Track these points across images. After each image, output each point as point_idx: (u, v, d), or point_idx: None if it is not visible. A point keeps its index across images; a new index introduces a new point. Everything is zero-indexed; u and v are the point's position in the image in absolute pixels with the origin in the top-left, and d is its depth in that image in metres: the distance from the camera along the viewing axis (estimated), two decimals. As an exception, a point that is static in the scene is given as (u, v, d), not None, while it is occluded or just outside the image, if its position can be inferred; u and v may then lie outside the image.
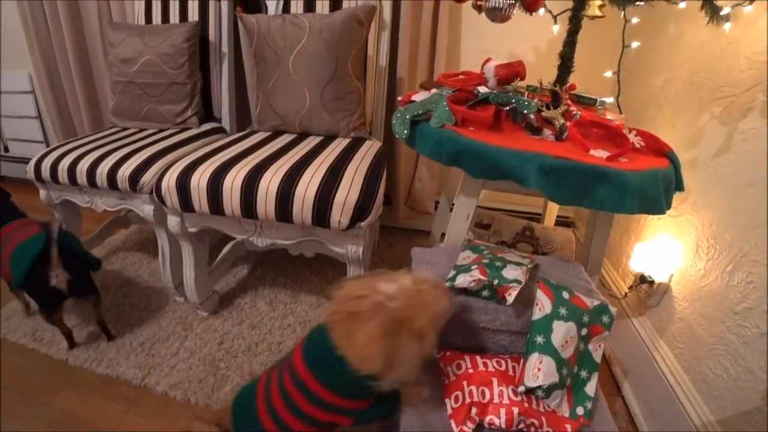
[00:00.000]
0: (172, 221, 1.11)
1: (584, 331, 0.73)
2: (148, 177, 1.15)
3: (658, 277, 1.05)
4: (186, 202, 1.02)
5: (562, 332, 0.71)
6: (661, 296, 1.06)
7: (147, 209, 1.19)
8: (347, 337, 0.60)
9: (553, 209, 1.41)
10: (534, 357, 0.70)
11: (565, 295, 0.74)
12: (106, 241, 1.70)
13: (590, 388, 0.73)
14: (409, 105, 0.90)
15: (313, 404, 0.64)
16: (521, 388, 0.69)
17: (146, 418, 0.99)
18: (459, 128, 0.83)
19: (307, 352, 0.68)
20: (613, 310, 0.76)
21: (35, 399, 1.03)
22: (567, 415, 0.70)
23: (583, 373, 0.74)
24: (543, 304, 0.73)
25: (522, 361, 0.72)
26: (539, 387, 0.68)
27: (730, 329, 0.84)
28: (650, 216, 1.18)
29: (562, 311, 0.72)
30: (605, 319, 0.75)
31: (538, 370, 0.69)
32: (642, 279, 1.09)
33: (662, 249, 1.05)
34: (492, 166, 0.75)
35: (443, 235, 1.03)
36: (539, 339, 0.71)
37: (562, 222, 1.68)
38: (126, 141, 1.32)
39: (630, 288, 1.15)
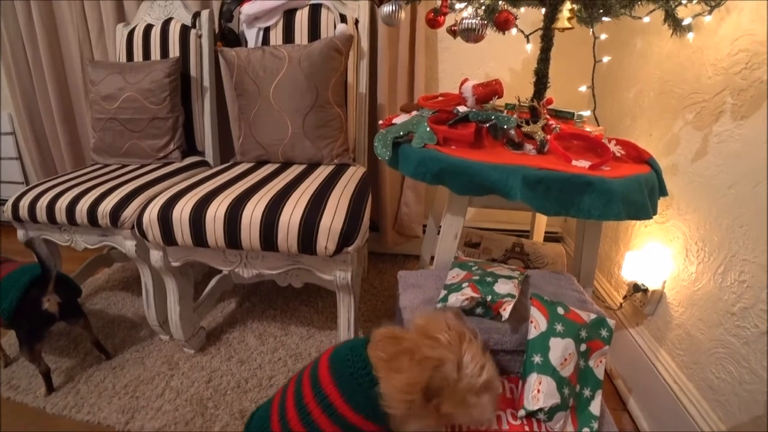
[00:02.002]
0: (155, 256, 1.08)
1: (583, 347, 0.71)
2: (129, 212, 1.12)
3: (652, 285, 1.05)
4: (168, 236, 1.00)
5: (560, 349, 0.68)
6: (656, 304, 1.05)
7: (129, 245, 1.16)
8: (389, 368, 0.59)
9: (541, 225, 1.41)
10: (533, 378, 0.67)
11: (560, 310, 0.72)
12: (87, 281, 1.64)
13: (595, 406, 0.70)
14: (390, 127, 0.90)
15: (333, 422, 0.62)
16: (521, 412, 0.66)
17: (129, 469, 0.93)
18: (441, 147, 0.84)
19: (333, 363, 0.66)
20: (611, 322, 0.74)
21: None
22: None
23: (586, 392, 0.71)
24: (538, 322, 0.71)
25: (520, 383, 0.70)
26: (540, 410, 0.65)
27: (729, 331, 0.83)
28: (638, 224, 1.19)
29: (559, 327, 0.70)
30: (604, 333, 0.73)
31: (538, 392, 0.66)
32: (635, 288, 1.08)
33: (652, 256, 1.05)
34: (476, 182, 0.75)
35: (433, 258, 1.02)
36: (536, 358, 0.68)
37: (550, 237, 1.68)
38: (107, 177, 1.30)
39: (624, 298, 1.14)
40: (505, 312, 0.69)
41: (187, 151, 1.50)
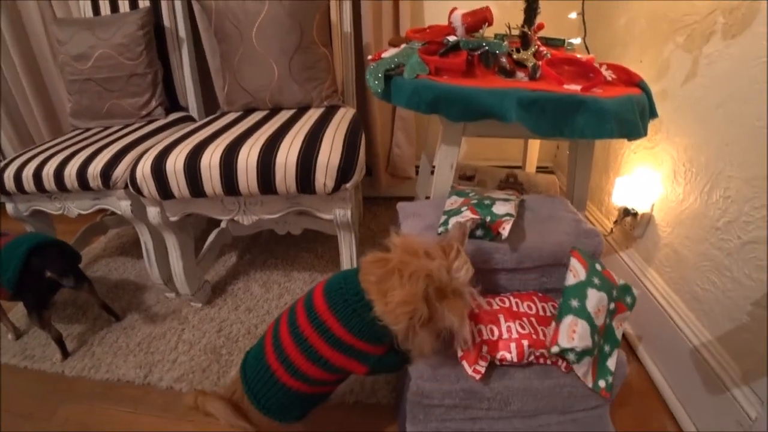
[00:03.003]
0: (152, 212, 1.07)
1: (612, 306, 0.73)
2: (121, 170, 1.10)
3: (641, 208, 1.08)
4: (164, 189, 0.99)
5: (595, 300, 0.70)
6: (645, 226, 1.09)
7: (124, 205, 1.15)
8: (380, 290, 0.61)
9: (533, 159, 1.42)
10: (569, 319, 0.68)
11: (598, 267, 0.74)
12: (84, 251, 1.63)
13: (611, 363, 0.73)
14: (381, 60, 0.88)
15: (331, 345, 0.64)
16: (555, 349, 0.67)
17: (155, 415, 0.97)
18: (433, 77, 0.83)
19: (328, 291, 0.67)
20: (636, 292, 0.76)
21: (36, 416, 0.99)
22: (590, 386, 0.70)
23: (606, 347, 0.73)
24: (577, 271, 0.72)
25: (554, 323, 0.71)
26: (572, 350, 0.66)
27: (713, 245, 0.87)
28: (627, 151, 1.21)
29: (596, 281, 0.72)
30: (628, 299, 0.75)
31: (574, 332, 0.66)
32: (626, 212, 1.11)
33: (642, 181, 1.08)
34: (471, 107, 0.75)
35: (428, 198, 1.03)
36: (574, 302, 0.69)
37: (542, 172, 1.70)
38: (91, 140, 1.26)
39: (615, 223, 1.18)
40: (505, 231, 0.72)
41: (170, 107, 1.46)
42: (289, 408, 0.68)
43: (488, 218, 0.73)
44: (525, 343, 0.68)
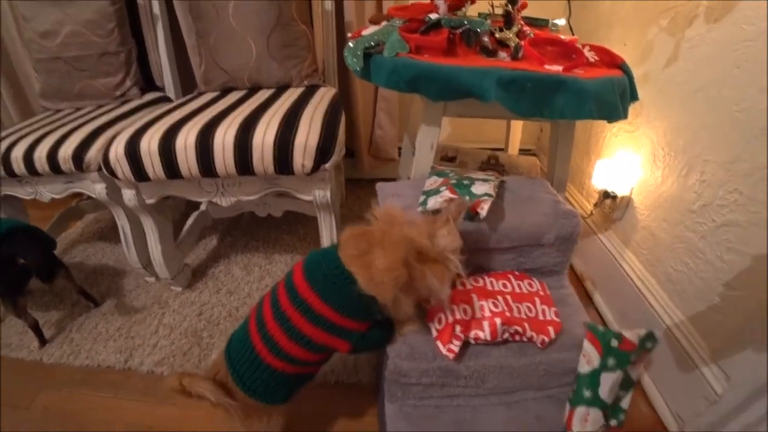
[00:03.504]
0: (128, 195, 1.04)
1: (630, 368, 0.69)
2: (94, 152, 1.06)
3: (620, 191, 1.09)
4: (139, 171, 0.96)
5: (609, 383, 0.67)
6: (624, 209, 1.11)
7: (98, 188, 1.11)
8: (362, 263, 0.61)
9: (516, 141, 1.42)
10: (582, 410, 0.68)
11: (614, 343, 0.68)
12: (60, 237, 1.59)
13: (625, 402, 0.71)
14: (360, 38, 0.86)
15: (313, 323, 0.63)
16: None
17: (136, 400, 0.97)
18: (413, 55, 0.81)
19: (308, 268, 0.67)
20: (657, 333, 0.68)
21: (15, 405, 0.97)
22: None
23: (621, 393, 0.71)
24: (590, 357, 0.69)
25: (568, 406, 0.71)
26: None
27: (688, 227, 0.89)
28: (608, 134, 1.22)
29: (611, 362, 0.67)
30: (649, 345, 0.69)
31: (586, 421, 0.68)
32: (605, 195, 1.13)
33: (622, 164, 1.09)
34: (451, 86, 0.74)
35: (410, 178, 1.02)
36: (587, 393, 0.68)
37: (525, 155, 1.71)
38: (62, 121, 1.21)
39: (595, 205, 1.20)
40: (483, 211, 0.72)
41: (145, 87, 1.41)
42: (275, 389, 0.68)
43: (467, 198, 0.73)
44: (498, 321, 0.69)
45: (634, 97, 0.89)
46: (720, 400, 0.76)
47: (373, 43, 0.83)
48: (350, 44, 0.84)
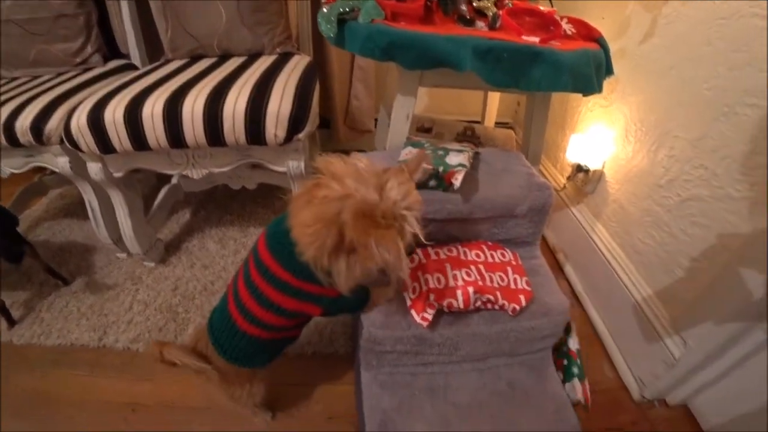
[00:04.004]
0: (94, 168, 1.00)
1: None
2: (54, 123, 1.00)
3: (593, 165, 1.11)
4: (104, 142, 0.92)
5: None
6: (596, 183, 1.13)
7: (61, 162, 1.06)
8: (297, 216, 0.56)
9: (492, 114, 1.42)
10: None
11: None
12: (24, 214, 1.51)
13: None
14: (335, 4, 0.83)
15: (279, 290, 0.63)
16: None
17: (112, 377, 0.96)
18: (389, 22, 0.79)
19: (269, 236, 0.66)
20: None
21: None
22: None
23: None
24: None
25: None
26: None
27: (655, 201, 0.92)
28: (584, 109, 1.23)
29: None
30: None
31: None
32: (578, 169, 1.15)
33: (596, 138, 1.11)
34: (427, 55, 0.73)
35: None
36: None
37: (502, 128, 1.72)
38: (18, 90, 1.13)
39: (568, 179, 1.22)
40: (457, 181, 0.72)
41: (109, 55, 1.33)
42: (254, 355, 0.69)
43: (441, 168, 0.73)
44: (470, 290, 0.70)
45: (609, 71, 0.90)
46: (677, 363, 0.81)
47: (348, 9, 0.81)
48: (324, 9, 0.81)
